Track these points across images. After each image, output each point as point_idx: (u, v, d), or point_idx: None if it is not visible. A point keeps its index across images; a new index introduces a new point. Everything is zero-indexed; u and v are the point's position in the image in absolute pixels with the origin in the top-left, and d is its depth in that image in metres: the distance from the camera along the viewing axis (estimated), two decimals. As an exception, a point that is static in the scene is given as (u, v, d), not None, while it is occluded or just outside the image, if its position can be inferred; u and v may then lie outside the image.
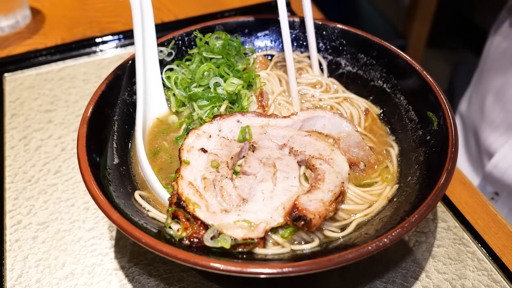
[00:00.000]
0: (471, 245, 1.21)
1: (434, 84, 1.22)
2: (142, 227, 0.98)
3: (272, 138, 1.23)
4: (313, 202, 1.02)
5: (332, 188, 1.08)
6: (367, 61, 1.42)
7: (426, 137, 1.19)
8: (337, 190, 1.07)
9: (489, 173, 1.90)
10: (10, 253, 1.22)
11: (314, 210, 1.00)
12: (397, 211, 1.05)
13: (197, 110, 1.29)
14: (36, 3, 2.13)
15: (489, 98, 1.99)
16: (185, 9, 2.11)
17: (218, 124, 1.21)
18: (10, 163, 1.45)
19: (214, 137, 1.19)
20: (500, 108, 1.92)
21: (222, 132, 1.20)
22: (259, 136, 1.23)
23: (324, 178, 1.09)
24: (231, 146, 1.19)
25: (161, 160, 1.25)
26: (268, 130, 1.25)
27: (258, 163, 1.16)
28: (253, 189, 1.10)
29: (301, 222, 0.99)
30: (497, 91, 1.95)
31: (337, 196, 1.06)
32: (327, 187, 1.07)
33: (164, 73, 1.40)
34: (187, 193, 1.05)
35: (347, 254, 0.89)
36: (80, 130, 1.12)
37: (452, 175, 1.01)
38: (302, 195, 1.04)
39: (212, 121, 1.22)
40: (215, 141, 1.18)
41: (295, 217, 0.99)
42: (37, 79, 1.76)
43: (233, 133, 1.21)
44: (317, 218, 1.00)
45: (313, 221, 0.99)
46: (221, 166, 1.14)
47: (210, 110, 1.29)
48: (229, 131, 1.21)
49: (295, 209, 1.00)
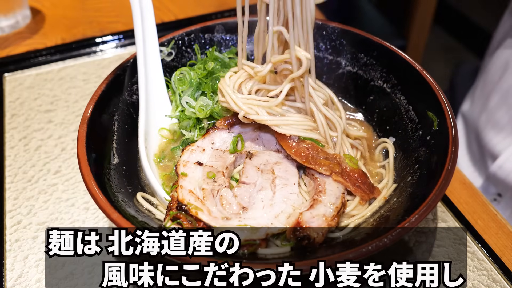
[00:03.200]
0: (471, 245, 1.21)
1: (434, 84, 1.22)
2: (142, 227, 0.98)
3: (265, 143, 1.23)
4: (316, 219, 1.03)
5: (333, 200, 1.08)
6: (367, 61, 1.41)
7: (426, 137, 1.19)
8: (338, 202, 1.08)
9: (493, 174, 1.89)
10: (10, 253, 1.22)
11: (317, 228, 1.01)
12: (397, 211, 1.05)
13: (186, 133, 1.30)
14: (36, 3, 2.13)
15: (494, 99, 1.98)
16: (185, 9, 2.11)
17: (210, 137, 1.23)
18: (10, 163, 1.45)
19: (208, 150, 1.21)
20: (506, 109, 1.91)
21: (215, 144, 1.22)
22: (253, 142, 1.24)
23: (325, 190, 1.10)
24: (225, 156, 1.21)
25: (167, 165, 1.26)
26: (261, 134, 1.25)
27: (256, 171, 1.17)
28: (253, 197, 1.11)
29: (305, 241, 1.00)
30: (503, 92, 1.94)
31: (338, 210, 1.07)
32: (328, 200, 1.08)
33: (174, 75, 1.40)
34: (189, 199, 1.06)
35: (347, 254, 0.89)
36: (80, 130, 1.12)
37: (452, 175, 1.01)
38: (305, 212, 1.04)
39: (205, 136, 1.23)
40: (209, 154, 1.20)
41: (299, 237, 1.00)
42: (37, 79, 1.76)
43: (226, 143, 1.23)
44: (320, 236, 1.01)
45: (317, 240, 1.00)
46: (217, 176, 1.15)
47: (198, 131, 1.29)
48: (222, 143, 1.23)
49: (298, 227, 1.01)
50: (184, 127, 1.31)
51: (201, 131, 1.29)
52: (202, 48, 1.48)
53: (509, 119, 1.89)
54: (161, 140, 1.32)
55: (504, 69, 1.98)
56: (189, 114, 1.30)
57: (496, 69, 2.04)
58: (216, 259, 0.89)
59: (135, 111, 1.31)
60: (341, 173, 1.14)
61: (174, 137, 1.33)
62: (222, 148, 1.22)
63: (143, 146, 1.22)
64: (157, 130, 1.32)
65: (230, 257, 0.93)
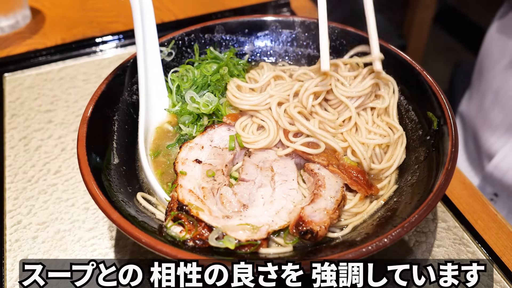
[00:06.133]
0: (471, 245, 1.21)
1: (434, 84, 1.22)
2: (142, 227, 0.98)
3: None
4: (318, 213, 1.03)
5: (333, 194, 1.09)
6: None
7: (426, 137, 1.19)
8: (338, 196, 1.09)
9: (489, 174, 1.89)
10: (10, 253, 1.22)
11: (319, 221, 1.01)
12: (397, 211, 1.05)
13: (184, 128, 1.30)
14: (36, 3, 2.13)
15: (488, 99, 1.98)
16: (185, 9, 2.11)
17: (209, 135, 1.23)
18: (10, 163, 1.45)
19: (207, 147, 1.20)
20: (499, 108, 1.91)
21: (213, 142, 1.22)
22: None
23: (325, 184, 1.10)
24: (224, 154, 1.21)
25: (162, 162, 1.25)
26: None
27: (255, 168, 1.17)
28: (253, 194, 1.11)
29: (308, 235, 1.00)
30: (496, 91, 1.94)
31: (339, 202, 1.07)
32: (328, 194, 1.08)
33: (170, 74, 1.40)
34: (189, 199, 1.06)
35: (347, 254, 0.89)
36: (80, 130, 1.12)
37: (452, 175, 1.01)
38: (307, 206, 1.05)
39: (203, 133, 1.23)
40: (207, 151, 1.20)
41: (302, 232, 1.00)
42: (37, 79, 1.76)
43: (225, 141, 1.23)
44: (323, 229, 1.01)
45: (320, 233, 1.01)
46: (217, 175, 1.15)
47: (197, 128, 1.29)
48: (220, 140, 1.23)
49: (301, 222, 1.01)
50: (183, 122, 1.31)
51: (200, 128, 1.29)
52: (202, 48, 1.49)
53: (503, 118, 1.89)
54: (157, 135, 1.32)
55: (495, 68, 1.97)
56: (191, 109, 1.30)
57: (488, 68, 2.04)
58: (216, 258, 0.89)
59: (135, 111, 1.31)
60: (338, 166, 1.14)
61: (168, 134, 1.32)
62: (221, 145, 1.22)
63: (143, 146, 1.22)
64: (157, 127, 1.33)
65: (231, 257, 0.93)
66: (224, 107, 1.30)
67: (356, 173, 1.14)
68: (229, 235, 0.99)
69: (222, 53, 1.48)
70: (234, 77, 1.37)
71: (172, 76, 1.39)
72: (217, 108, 1.30)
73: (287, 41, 1.53)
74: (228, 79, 1.34)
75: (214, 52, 1.46)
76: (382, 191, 1.16)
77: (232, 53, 1.47)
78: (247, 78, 1.40)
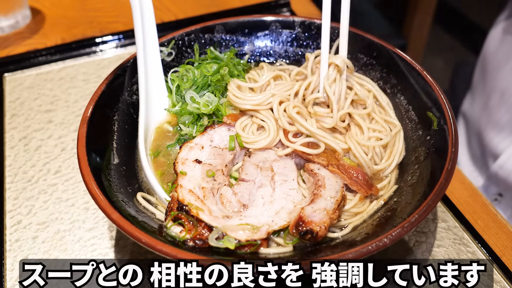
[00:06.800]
0: (471, 245, 1.21)
1: (434, 84, 1.22)
2: (142, 227, 0.98)
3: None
4: (318, 213, 1.03)
5: (333, 194, 1.09)
6: (367, 61, 1.41)
7: (426, 137, 1.19)
8: (338, 196, 1.09)
9: (494, 174, 1.89)
10: (10, 253, 1.22)
11: (319, 221, 1.01)
12: (397, 211, 1.05)
13: (184, 128, 1.30)
14: (36, 3, 2.13)
15: (493, 99, 1.98)
16: (185, 9, 2.11)
17: (209, 135, 1.23)
18: (10, 163, 1.45)
19: (207, 147, 1.20)
20: (506, 108, 1.90)
21: (213, 142, 1.22)
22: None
23: (325, 184, 1.10)
24: (224, 154, 1.21)
25: (162, 162, 1.25)
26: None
27: (255, 168, 1.17)
28: (253, 194, 1.11)
29: (308, 235, 1.00)
30: (502, 91, 1.94)
31: (339, 202, 1.07)
32: (328, 194, 1.08)
33: (170, 74, 1.40)
34: (189, 199, 1.06)
35: (347, 254, 0.89)
36: (80, 130, 1.12)
37: (452, 175, 1.01)
38: (307, 206, 1.05)
39: (203, 133, 1.23)
40: (207, 151, 1.20)
41: (302, 232, 1.00)
42: (37, 79, 1.76)
43: (225, 141, 1.23)
44: (323, 229, 1.01)
45: (320, 233, 1.01)
46: (217, 175, 1.15)
47: (197, 128, 1.29)
48: (220, 141, 1.23)
49: (301, 222, 1.01)
50: (183, 122, 1.31)
51: (200, 128, 1.29)
52: (202, 48, 1.49)
53: (509, 118, 1.89)
54: (157, 135, 1.32)
55: (501, 68, 1.97)
56: (191, 109, 1.30)
57: (493, 69, 2.03)
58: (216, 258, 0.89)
59: (135, 111, 1.31)
60: (337, 166, 1.14)
61: (168, 134, 1.32)
62: (221, 145, 1.22)
63: (143, 146, 1.22)
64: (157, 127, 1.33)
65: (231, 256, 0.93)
66: (224, 107, 1.30)
67: (356, 173, 1.14)
68: (229, 235, 0.99)
69: (222, 53, 1.48)
70: (234, 77, 1.38)
71: (172, 76, 1.39)
72: (217, 108, 1.30)
73: (287, 41, 1.53)
74: (228, 80, 1.35)
75: (215, 52, 1.46)
76: (382, 191, 1.16)
77: (233, 53, 1.47)
78: (247, 78, 1.40)
